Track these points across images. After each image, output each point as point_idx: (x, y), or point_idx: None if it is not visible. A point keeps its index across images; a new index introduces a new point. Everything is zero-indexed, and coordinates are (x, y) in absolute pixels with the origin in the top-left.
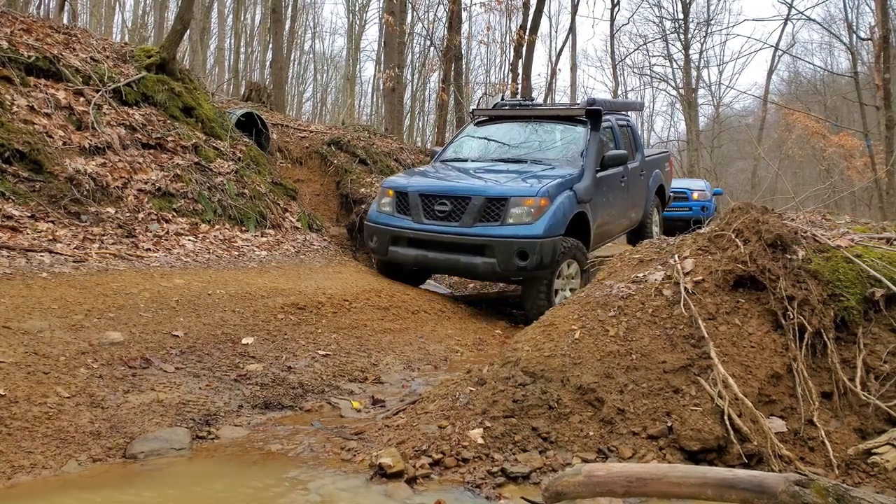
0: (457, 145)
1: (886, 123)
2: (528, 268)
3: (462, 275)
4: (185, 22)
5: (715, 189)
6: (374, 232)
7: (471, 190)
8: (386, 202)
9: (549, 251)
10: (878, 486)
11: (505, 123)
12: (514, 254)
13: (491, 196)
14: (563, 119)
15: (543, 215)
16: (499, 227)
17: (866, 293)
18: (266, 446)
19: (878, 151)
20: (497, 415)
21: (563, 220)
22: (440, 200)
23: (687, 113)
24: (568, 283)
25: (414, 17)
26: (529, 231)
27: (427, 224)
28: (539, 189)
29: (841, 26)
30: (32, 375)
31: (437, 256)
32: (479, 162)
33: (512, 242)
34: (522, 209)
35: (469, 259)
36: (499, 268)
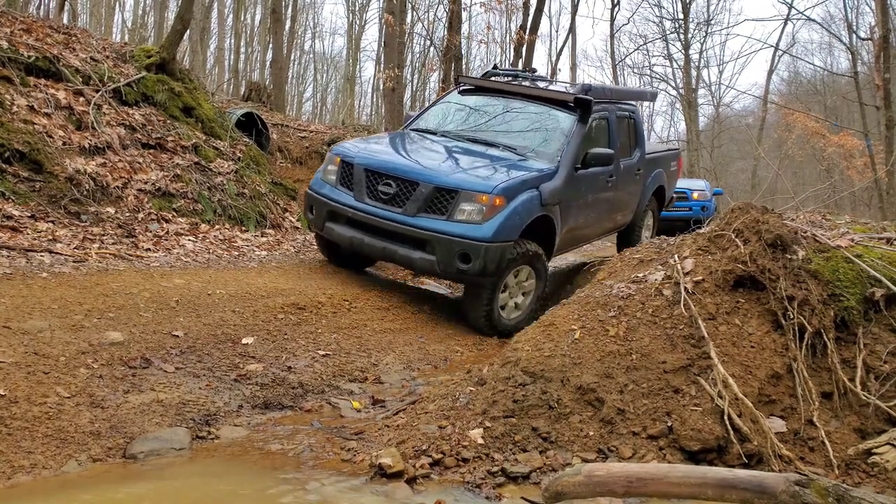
0: (433, 113)
1: (886, 123)
2: (470, 272)
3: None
4: (185, 22)
5: (715, 189)
6: (312, 202)
7: (420, 174)
8: (331, 170)
9: (495, 257)
10: (878, 486)
11: (490, 97)
12: (455, 255)
13: (440, 185)
14: (552, 103)
15: (496, 216)
16: (444, 221)
17: (866, 293)
18: (266, 446)
19: (878, 151)
20: (497, 415)
21: (517, 225)
22: (385, 180)
23: (687, 113)
24: (520, 290)
25: (414, 17)
26: (476, 232)
27: (368, 205)
28: (496, 185)
29: (841, 26)
30: (32, 375)
31: (374, 243)
32: (447, 138)
33: (455, 242)
34: (473, 206)
35: (407, 252)
36: (437, 267)
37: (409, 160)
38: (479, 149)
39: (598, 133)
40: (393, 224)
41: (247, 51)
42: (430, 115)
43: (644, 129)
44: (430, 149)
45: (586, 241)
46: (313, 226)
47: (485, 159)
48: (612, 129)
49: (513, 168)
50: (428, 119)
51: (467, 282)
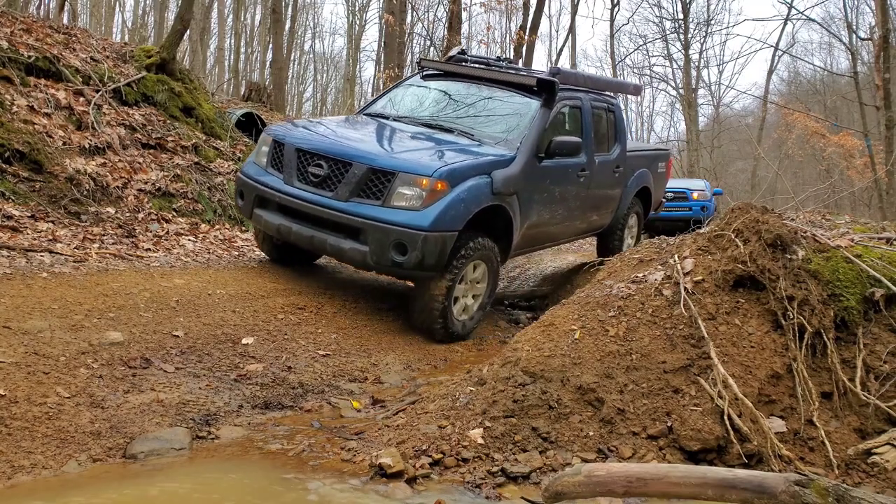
0: (390, 97)
1: (886, 123)
2: (406, 265)
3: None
4: (185, 22)
5: (715, 189)
6: (241, 187)
7: (354, 154)
8: (263, 152)
9: (434, 249)
10: (878, 486)
11: (453, 82)
12: (389, 245)
13: (375, 166)
14: (517, 88)
15: (437, 202)
16: (378, 207)
17: (866, 293)
18: (266, 446)
19: (878, 151)
20: (497, 415)
21: (462, 213)
22: (316, 161)
23: (687, 113)
24: (471, 290)
25: (414, 17)
26: (414, 220)
27: (297, 188)
28: (438, 168)
29: (841, 26)
30: (32, 375)
31: (302, 231)
32: (398, 122)
33: (389, 230)
34: (412, 190)
35: (337, 241)
36: (371, 259)
37: (345, 140)
38: (430, 133)
39: (568, 122)
40: (322, 210)
41: (247, 51)
42: (386, 99)
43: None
44: (374, 131)
45: (555, 242)
46: (242, 214)
47: (433, 142)
48: (586, 119)
49: (462, 152)
50: (383, 103)
51: (406, 276)
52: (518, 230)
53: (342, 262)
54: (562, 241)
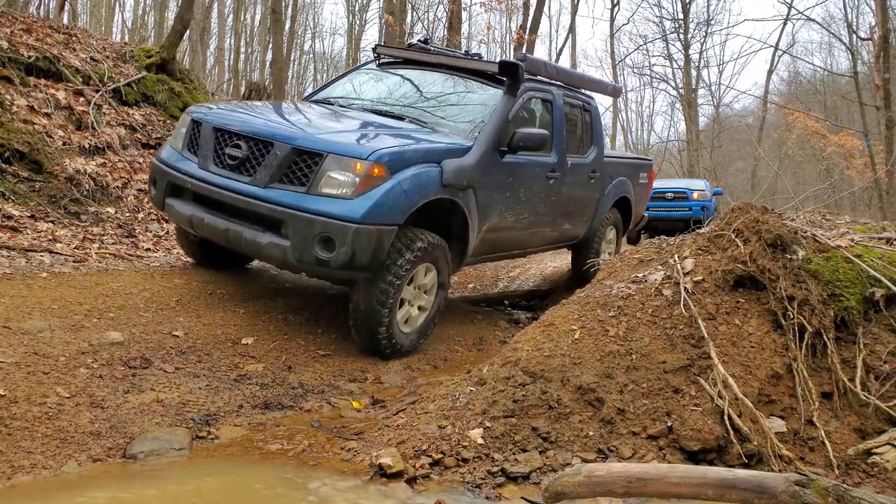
0: (340, 84)
1: (886, 123)
2: (334, 264)
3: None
4: (185, 22)
5: (715, 189)
6: (153, 173)
7: (276, 133)
8: (181, 134)
9: (368, 245)
10: (878, 486)
11: (412, 70)
12: (314, 239)
13: (301, 146)
14: (479, 76)
15: (373, 190)
16: (303, 194)
17: (866, 293)
18: (266, 446)
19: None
20: (497, 415)
21: (403, 205)
22: (235, 141)
23: (687, 113)
24: (418, 299)
25: (414, 17)
26: (344, 209)
27: (213, 173)
28: (376, 150)
29: (841, 26)
30: (32, 375)
31: (216, 223)
32: (344, 109)
33: (313, 221)
34: (343, 175)
35: (254, 235)
36: (292, 255)
37: (270, 119)
38: (375, 119)
39: (536, 117)
40: (237, 197)
41: (247, 51)
42: (335, 86)
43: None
44: (308, 113)
45: (521, 250)
46: (155, 205)
47: (375, 126)
48: (557, 115)
49: (407, 137)
50: (331, 90)
51: (335, 277)
52: (475, 231)
53: (261, 260)
54: (530, 251)
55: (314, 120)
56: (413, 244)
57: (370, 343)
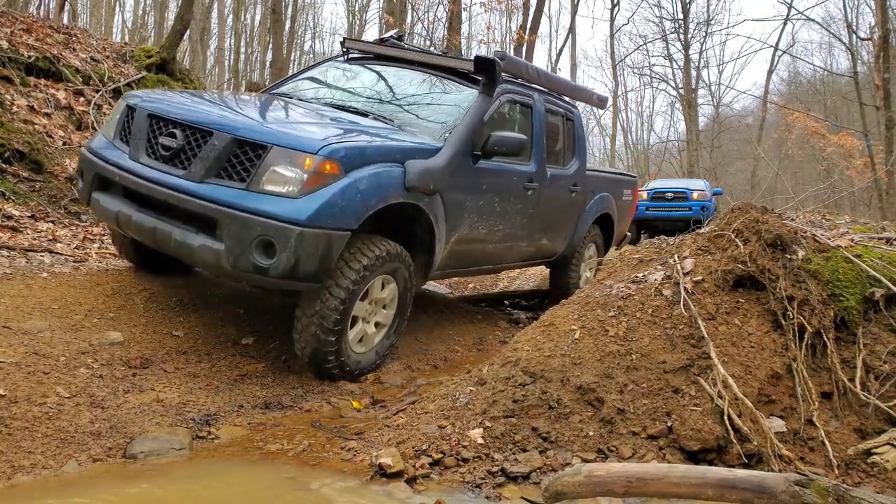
0: (303, 79)
1: (886, 123)
2: (274, 272)
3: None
4: (185, 22)
5: (715, 189)
6: (81, 164)
7: (216, 121)
8: (114, 122)
9: (314, 252)
10: (878, 486)
11: (382, 66)
12: (251, 242)
13: (243, 136)
14: (454, 74)
15: (322, 189)
16: (242, 191)
17: (866, 293)
18: (266, 446)
19: (878, 151)
20: (497, 415)
21: (358, 207)
22: (170, 129)
23: (687, 113)
24: (375, 315)
25: (414, 17)
26: (287, 210)
27: (144, 164)
28: (328, 144)
29: (841, 26)
30: (32, 375)
31: (143, 221)
32: (304, 102)
33: (252, 222)
34: (290, 171)
35: (184, 235)
36: (226, 260)
37: (212, 106)
38: (335, 113)
39: (514, 121)
40: (168, 192)
41: (247, 51)
42: (297, 80)
43: (585, 138)
44: (259, 103)
45: (494, 266)
46: (81, 199)
47: (332, 120)
48: (537, 122)
49: (367, 133)
50: (292, 84)
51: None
52: (443, 242)
53: (193, 265)
54: (504, 266)
55: (263, 110)
56: (369, 253)
57: (316, 365)
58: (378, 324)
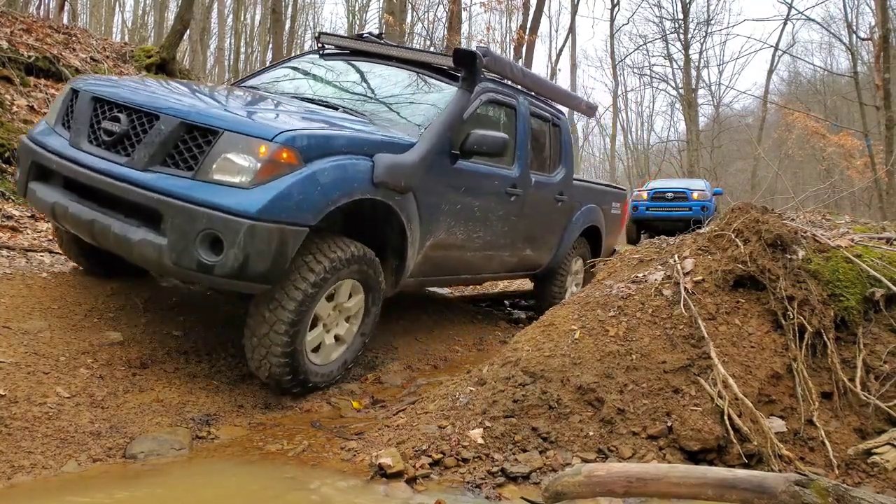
0: (273, 72)
1: (886, 123)
2: (219, 271)
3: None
4: (185, 22)
5: (715, 189)
6: (18, 153)
7: (163, 105)
8: (57, 107)
9: (265, 248)
10: (878, 486)
11: (358, 62)
12: (196, 237)
13: (192, 121)
14: (433, 70)
15: (277, 180)
16: (189, 180)
17: (866, 293)
18: (266, 446)
19: (878, 151)
20: (497, 415)
21: (318, 201)
22: (114, 113)
23: (687, 113)
24: (335, 325)
25: (414, 17)
26: (237, 201)
27: (84, 151)
28: (285, 131)
29: (841, 26)
30: (32, 375)
31: (81, 213)
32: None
33: (197, 214)
34: (241, 159)
35: (124, 229)
36: (168, 257)
37: (162, 91)
38: (302, 104)
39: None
40: (108, 181)
41: (247, 51)
42: (267, 73)
43: (572, 146)
44: (219, 93)
45: (474, 276)
46: (18, 190)
47: (297, 110)
48: (521, 125)
49: (332, 123)
50: (261, 77)
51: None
52: (416, 246)
53: (134, 262)
54: (485, 277)
55: (219, 97)
56: (330, 254)
57: (267, 374)
58: (339, 337)
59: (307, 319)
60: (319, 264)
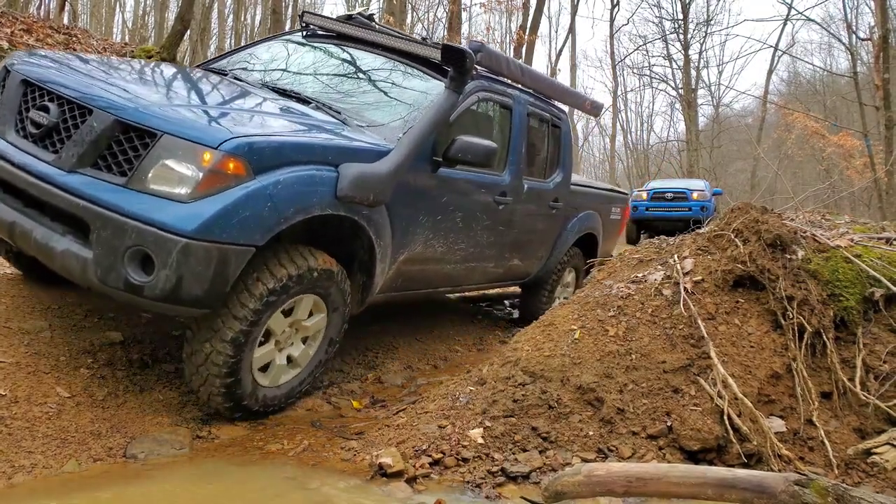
0: (249, 53)
1: (886, 123)
2: (149, 293)
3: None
4: (186, 22)
5: (714, 189)
6: None
7: (97, 96)
8: None
9: (202, 270)
10: (878, 485)
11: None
12: (124, 253)
13: (128, 120)
14: (423, 63)
15: (222, 193)
16: (120, 187)
17: (866, 293)
18: (266, 446)
19: (878, 151)
20: (497, 414)
21: (268, 218)
22: (43, 102)
23: (686, 113)
24: (293, 339)
25: (414, 17)
26: (173, 216)
27: (10, 143)
28: (234, 136)
29: (840, 26)
30: (33, 375)
31: (2, 212)
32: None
33: (127, 227)
34: (182, 167)
35: (47, 236)
36: (93, 273)
37: (104, 76)
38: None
39: (489, 125)
40: (31, 180)
41: None
42: (242, 54)
43: (572, 148)
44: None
45: (453, 287)
46: None
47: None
48: (517, 125)
49: (298, 125)
50: (234, 59)
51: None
52: (387, 262)
53: (56, 271)
54: (467, 288)
55: (172, 88)
56: (281, 269)
57: (207, 401)
58: (292, 360)
59: (251, 345)
60: (265, 285)
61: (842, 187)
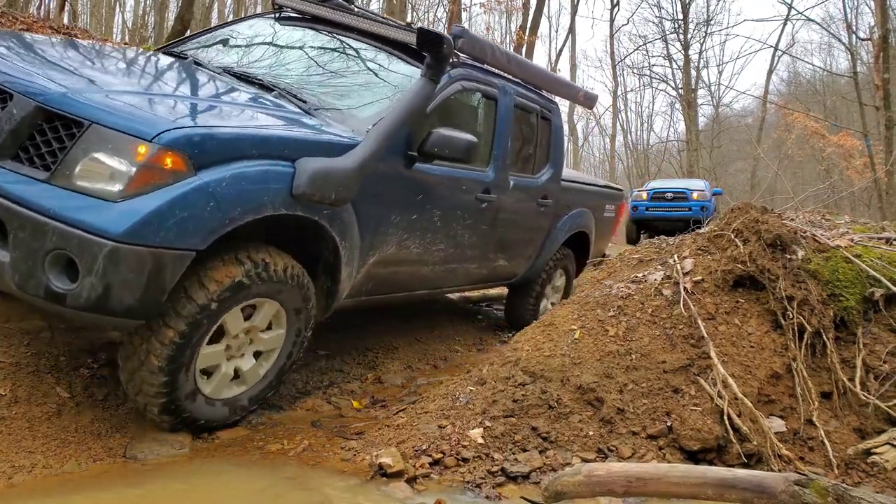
0: (215, 35)
1: (886, 123)
2: (72, 302)
3: None
4: (186, 22)
5: (714, 189)
6: None
7: (19, 80)
8: None
9: (134, 278)
10: (878, 485)
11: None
12: (45, 257)
13: (51, 107)
14: (401, 49)
15: (157, 191)
16: (42, 182)
17: (866, 293)
18: (266, 446)
19: (878, 151)
20: (497, 414)
21: (210, 220)
22: None
23: (686, 113)
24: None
25: (414, 17)
26: (100, 216)
27: None
28: (173, 127)
29: (840, 26)
30: (33, 375)
31: None
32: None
33: (47, 229)
34: (112, 161)
35: None
36: (11, 277)
37: (32, 57)
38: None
39: (471, 116)
40: None
41: None
42: (207, 36)
43: (563, 141)
44: (118, 64)
45: (431, 290)
46: None
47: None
48: (503, 117)
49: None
50: (197, 41)
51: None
52: (354, 265)
53: None
54: (447, 290)
55: (110, 72)
56: (226, 275)
57: (144, 412)
58: (239, 373)
59: (192, 356)
60: (206, 290)
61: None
